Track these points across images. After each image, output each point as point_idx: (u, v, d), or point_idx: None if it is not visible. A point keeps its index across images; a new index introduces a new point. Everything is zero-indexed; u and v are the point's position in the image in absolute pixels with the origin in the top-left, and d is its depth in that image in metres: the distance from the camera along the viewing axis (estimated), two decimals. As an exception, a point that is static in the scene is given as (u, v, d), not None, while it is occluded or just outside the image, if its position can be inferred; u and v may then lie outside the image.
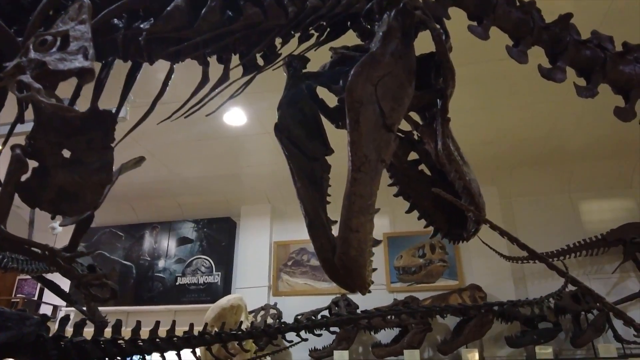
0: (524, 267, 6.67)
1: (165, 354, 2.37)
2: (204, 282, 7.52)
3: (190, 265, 7.72)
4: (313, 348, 6.48)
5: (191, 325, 2.40)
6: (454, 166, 1.74)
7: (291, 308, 6.88)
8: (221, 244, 7.76)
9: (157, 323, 2.39)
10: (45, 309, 8.36)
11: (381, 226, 7.57)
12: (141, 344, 2.30)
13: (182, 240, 7.97)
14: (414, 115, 1.91)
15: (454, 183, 1.76)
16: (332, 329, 6.31)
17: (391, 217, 7.58)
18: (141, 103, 4.45)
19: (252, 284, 7.44)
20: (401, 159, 1.91)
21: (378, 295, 6.78)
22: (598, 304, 6.14)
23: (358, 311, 6.48)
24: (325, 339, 6.55)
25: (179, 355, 2.35)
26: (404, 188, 1.93)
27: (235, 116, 5.67)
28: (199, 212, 8.14)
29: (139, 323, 2.37)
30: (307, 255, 7.64)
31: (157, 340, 2.31)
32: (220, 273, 7.54)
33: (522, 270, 6.75)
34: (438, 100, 1.73)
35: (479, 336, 6.05)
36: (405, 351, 6.01)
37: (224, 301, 4.98)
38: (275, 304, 7.02)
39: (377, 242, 1.53)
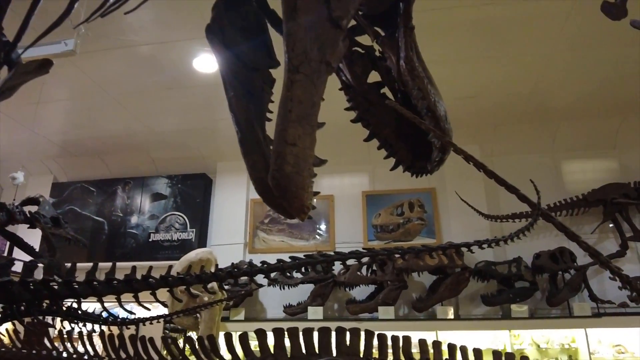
0: (502, 226, 6.56)
1: (103, 299, 2.18)
2: (177, 238, 7.34)
3: (163, 222, 7.51)
4: (287, 304, 6.39)
5: (133, 268, 2.19)
6: (417, 83, 1.52)
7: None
8: (196, 201, 7.54)
9: (95, 264, 2.18)
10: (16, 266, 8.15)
11: (360, 184, 7.42)
12: (76, 286, 2.10)
13: (156, 196, 7.74)
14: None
15: (416, 104, 1.54)
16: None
17: (371, 175, 7.41)
18: (92, 35, 4.13)
19: (227, 241, 7.29)
20: (360, 79, 1.68)
21: (355, 253, 6.65)
22: (575, 265, 6.10)
23: (333, 268, 6.39)
24: (299, 295, 6.47)
25: (119, 300, 2.16)
26: (363, 113, 1.71)
27: (205, 62, 5.35)
28: (173, 167, 7.88)
29: (74, 264, 2.17)
30: (284, 213, 7.46)
31: (95, 282, 2.11)
32: (194, 230, 7.35)
33: (500, 229, 6.65)
34: (401, 4, 1.49)
35: (455, 294, 5.99)
36: (379, 308, 5.94)
37: (192, 255, 4.81)
38: (251, 260, 6.86)
39: (321, 162, 1.31)
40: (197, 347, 1.64)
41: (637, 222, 6.49)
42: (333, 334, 1.55)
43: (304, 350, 1.52)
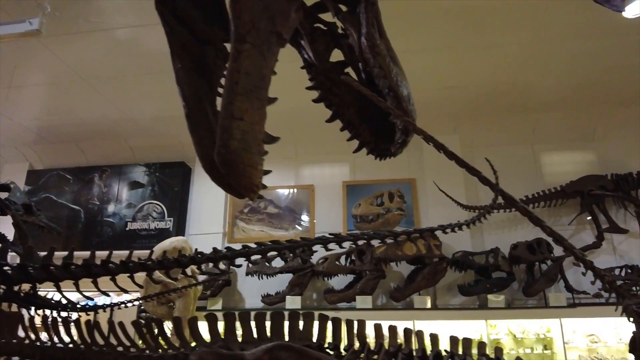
0: (481, 217, 6.58)
1: (60, 284, 2.11)
2: (155, 227, 7.24)
3: (141, 211, 7.40)
4: (265, 294, 6.34)
5: (92, 253, 2.12)
6: (378, 61, 1.47)
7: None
8: (174, 189, 7.44)
9: (52, 249, 2.11)
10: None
11: (341, 174, 7.38)
12: (32, 271, 2.03)
13: (133, 185, 7.62)
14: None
15: (377, 82, 1.50)
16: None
17: (351, 165, 7.37)
18: (64, 17, 4.01)
19: (206, 230, 7.21)
20: (322, 57, 1.62)
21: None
22: (552, 255, 6.14)
23: (312, 257, 6.36)
24: (278, 285, 6.43)
25: (76, 285, 2.09)
26: (325, 94, 1.66)
27: (182, 47, 5.23)
28: (151, 155, 7.75)
29: (29, 247, 2.10)
30: (264, 203, 7.41)
31: (52, 267, 2.04)
32: (172, 219, 7.26)
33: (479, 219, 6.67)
34: (363, -23, 1.43)
35: (432, 284, 6.00)
36: (357, 297, 5.93)
37: (166, 243, 4.72)
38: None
39: (272, 139, 1.26)
40: (144, 331, 1.59)
41: (614, 214, 6.57)
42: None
43: (255, 335, 1.48)
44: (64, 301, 2.62)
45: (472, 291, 5.99)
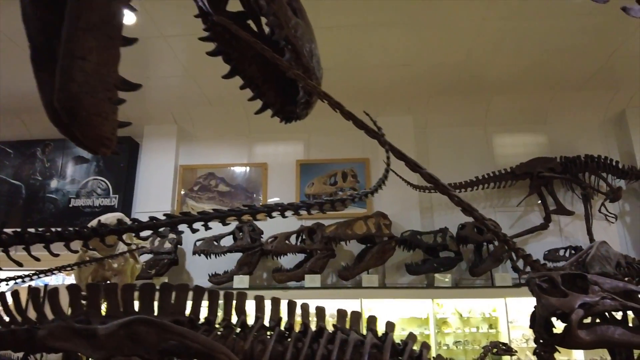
0: (431, 197, 6.60)
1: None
2: (99, 204, 6.96)
3: (85, 187, 7.09)
4: (213, 273, 6.19)
5: (48, 229, 1.92)
6: (273, 8, 1.33)
7: (194, 234, 6.51)
8: (120, 165, 7.15)
9: (3, 223, 1.90)
10: None
11: (295, 153, 7.24)
12: None
13: (77, 160, 7.28)
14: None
15: (273, 32, 1.36)
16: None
17: (305, 144, 7.24)
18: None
19: (153, 208, 6.94)
20: (219, 6, 1.47)
21: (285, 221, 6.48)
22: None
23: (262, 236, 6.23)
24: (227, 264, 6.28)
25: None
26: (223, 46, 1.50)
27: (127, 12, 4.94)
28: (97, 129, 7.40)
29: None
30: (215, 181, 7.21)
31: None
32: (118, 196, 6.98)
33: (429, 200, 6.69)
34: None
35: (381, 263, 5.98)
36: (306, 276, 5.86)
37: (101, 219, 4.49)
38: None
39: (131, 86, 1.11)
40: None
41: (561, 196, 6.67)
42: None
43: (121, 309, 1.35)
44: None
45: (419, 270, 6.00)
